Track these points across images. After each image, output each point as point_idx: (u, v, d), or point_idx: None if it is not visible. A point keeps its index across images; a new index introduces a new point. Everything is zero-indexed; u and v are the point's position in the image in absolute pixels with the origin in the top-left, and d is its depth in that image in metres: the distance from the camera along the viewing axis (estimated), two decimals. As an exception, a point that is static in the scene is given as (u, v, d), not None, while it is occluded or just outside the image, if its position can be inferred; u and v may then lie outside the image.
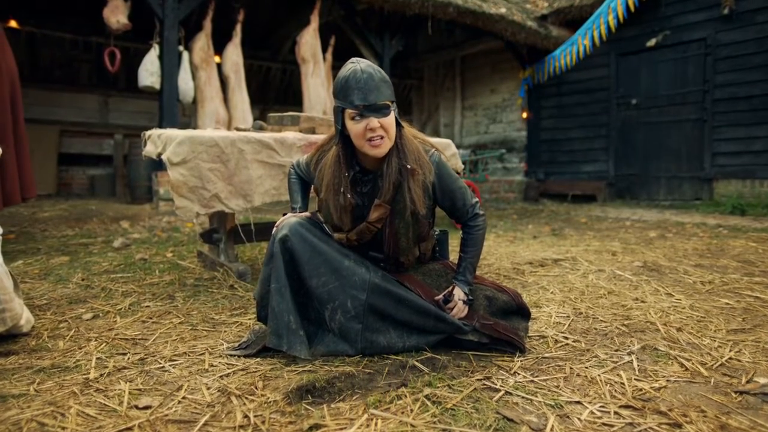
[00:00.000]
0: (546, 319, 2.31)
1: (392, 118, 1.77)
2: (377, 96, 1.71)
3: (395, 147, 1.82)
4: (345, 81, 1.72)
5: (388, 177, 1.81)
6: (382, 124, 1.73)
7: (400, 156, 1.82)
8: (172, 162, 2.59)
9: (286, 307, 1.84)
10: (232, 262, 3.11)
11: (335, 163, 1.85)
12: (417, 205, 1.83)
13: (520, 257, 3.70)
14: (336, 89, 1.78)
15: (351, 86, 1.71)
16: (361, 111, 1.71)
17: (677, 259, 3.59)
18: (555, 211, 7.45)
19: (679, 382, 1.66)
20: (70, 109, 8.32)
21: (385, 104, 1.73)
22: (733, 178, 7.00)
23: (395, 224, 1.86)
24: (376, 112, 1.72)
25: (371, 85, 1.70)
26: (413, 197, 1.82)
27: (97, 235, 4.57)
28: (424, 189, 1.86)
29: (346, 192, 1.83)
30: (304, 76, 6.69)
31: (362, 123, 1.72)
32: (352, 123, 1.75)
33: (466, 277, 1.94)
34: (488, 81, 10.20)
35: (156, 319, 2.31)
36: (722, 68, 7.04)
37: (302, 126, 3.15)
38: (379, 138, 1.74)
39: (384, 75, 1.77)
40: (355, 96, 1.70)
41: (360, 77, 1.70)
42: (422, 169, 1.84)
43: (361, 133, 1.73)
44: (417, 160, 1.84)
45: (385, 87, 1.74)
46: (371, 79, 1.71)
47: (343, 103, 1.75)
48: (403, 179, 1.82)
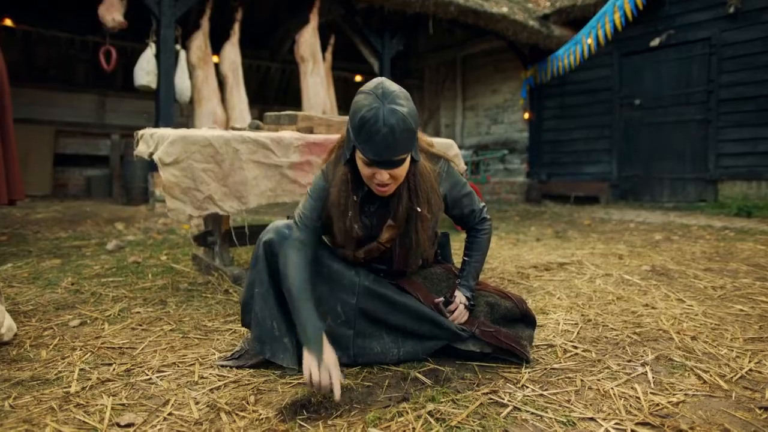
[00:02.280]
0: (553, 327, 2.21)
1: (406, 166, 1.57)
2: (394, 153, 1.48)
3: (406, 184, 1.65)
4: (362, 123, 1.46)
5: (398, 213, 1.67)
6: (392, 175, 1.55)
7: (411, 195, 1.66)
8: (163, 162, 2.49)
9: (269, 312, 1.74)
10: (227, 266, 3.01)
11: (342, 183, 1.66)
12: (421, 246, 1.73)
13: (524, 261, 3.60)
14: (351, 121, 1.52)
15: (368, 135, 1.46)
16: (372, 163, 1.52)
17: (685, 263, 3.49)
18: (557, 212, 7.35)
19: (698, 396, 1.56)
20: (66, 109, 8.21)
21: (401, 159, 1.52)
22: (738, 179, 6.90)
23: (406, 245, 1.75)
24: (389, 166, 1.52)
25: (390, 142, 1.46)
26: (419, 240, 1.71)
27: (90, 237, 4.47)
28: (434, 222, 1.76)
29: (354, 221, 1.67)
30: (303, 76, 6.60)
31: (371, 170, 1.54)
32: (360, 163, 1.56)
33: (469, 283, 1.85)
34: (490, 81, 10.10)
35: (146, 326, 2.21)
36: (728, 68, 6.94)
37: (300, 125, 3.05)
38: (386, 185, 1.57)
39: (409, 122, 1.48)
40: (369, 147, 1.48)
41: (380, 130, 1.44)
42: (432, 212, 1.71)
43: (368, 176, 1.57)
44: (429, 201, 1.69)
45: (406, 139, 1.49)
46: (391, 134, 1.44)
47: (355, 142, 1.52)
48: (410, 220, 1.69)
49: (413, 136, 1.52)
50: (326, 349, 1.49)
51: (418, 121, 1.53)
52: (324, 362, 1.45)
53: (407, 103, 1.50)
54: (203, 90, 6.16)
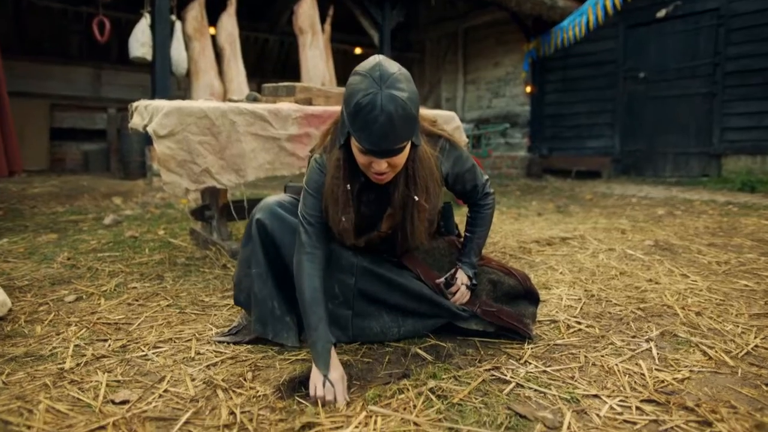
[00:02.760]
0: (556, 302, 2.17)
1: (404, 154, 1.45)
2: (392, 142, 1.36)
3: (405, 171, 1.52)
4: (358, 110, 1.33)
5: (395, 201, 1.58)
6: (389, 163, 1.42)
7: (409, 183, 1.54)
8: (158, 135, 2.43)
9: (268, 292, 1.71)
10: (224, 241, 2.97)
11: (335, 170, 1.53)
12: (417, 239, 1.64)
13: (525, 235, 3.56)
14: (346, 106, 1.39)
15: (364, 122, 1.33)
16: (369, 153, 1.39)
17: (689, 238, 3.45)
18: (559, 187, 7.29)
19: (704, 372, 1.54)
20: (61, 82, 8.07)
21: (399, 148, 1.39)
22: (742, 153, 6.82)
23: (407, 230, 1.65)
24: (386, 155, 1.39)
25: (388, 131, 1.33)
26: (414, 231, 1.61)
27: (87, 212, 4.42)
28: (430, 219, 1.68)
29: (344, 211, 1.54)
30: (302, 48, 6.46)
31: (367, 158, 1.42)
32: (356, 150, 1.44)
33: (471, 260, 1.80)
34: (491, 54, 9.93)
35: (142, 302, 2.17)
36: (735, 39, 6.79)
37: (298, 97, 2.98)
38: (383, 174, 1.46)
39: (410, 108, 1.34)
40: (365, 136, 1.35)
41: (376, 118, 1.31)
42: (430, 201, 1.60)
43: (364, 165, 1.45)
44: (427, 190, 1.57)
45: (406, 127, 1.36)
46: (389, 122, 1.31)
47: (350, 128, 1.39)
48: (406, 209, 1.58)
49: (414, 123, 1.39)
50: (333, 366, 1.41)
51: (419, 104, 1.41)
52: (330, 379, 1.37)
53: (408, 86, 1.36)
54: (200, 62, 6.04)
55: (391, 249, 1.76)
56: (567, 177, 8.45)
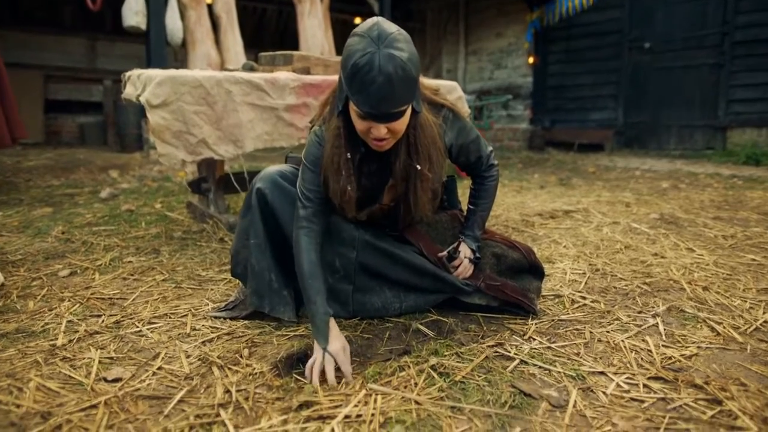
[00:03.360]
0: (560, 276, 2.13)
1: (405, 119, 1.39)
2: (392, 105, 1.30)
3: (406, 138, 1.46)
4: (355, 72, 1.27)
5: (396, 171, 1.51)
6: (390, 129, 1.36)
7: (411, 151, 1.48)
8: (151, 104, 2.35)
9: (266, 264, 1.66)
10: (222, 214, 2.92)
11: (335, 139, 1.47)
12: (420, 211, 1.57)
13: (528, 208, 3.50)
14: (345, 69, 1.32)
15: (361, 84, 1.27)
16: (367, 116, 1.33)
17: (694, 211, 3.39)
18: (561, 160, 7.21)
19: (712, 349, 1.50)
20: (55, 53, 7.90)
21: (399, 111, 1.33)
22: (748, 126, 6.71)
23: (410, 201, 1.58)
24: (386, 120, 1.33)
25: (386, 93, 1.27)
26: (417, 202, 1.54)
27: (83, 186, 4.36)
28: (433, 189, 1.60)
29: (347, 182, 1.48)
30: (300, 17, 6.29)
31: (366, 123, 1.36)
32: (355, 116, 1.38)
33: (474, 233, 1.75)
34: (493, 24, 9.72)
35: (138, 276, 2.13)
36: (745, 8, 6.62)
37: (296, 65, 2.89)
38: (383, 139, 1.39)
39: (409, 69, 1.28)
40: (363, 99, 1.29)
41: (375, 79, 1.25)
42: (434, 171, 1.53)
43: (363, 131, 1.39)
44: (430, 158, 1.50)
45: (406, 89, 1.30)
46: (388, 83, 1.25)
47: (347, 91, 1.33)
48: (409, 179, 1.51)
49: (414, 85, 1.33)
50: (333, 337, 1.36)
51: (419, 66, 1.34)
52: (329, 351, 1.33)
53: (407, 47, 1.30)
54: (196, 32, 5.88)
55: (393, 223, 1.71)
56: (569, 150, 8.35)
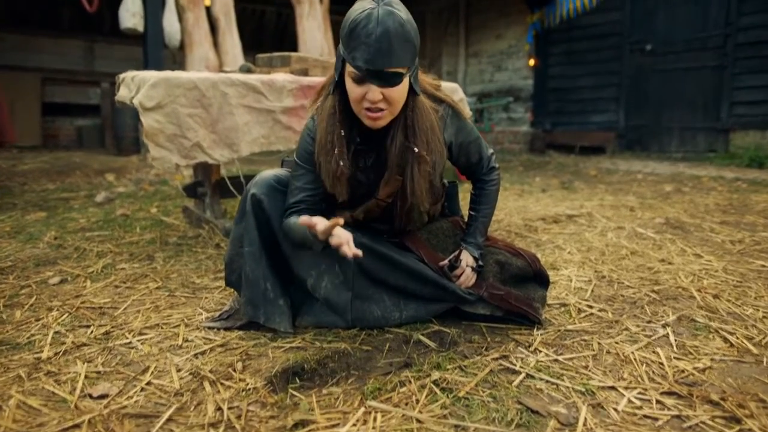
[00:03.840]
0: (565, 284, 2.07)
1: (403, 89, 1.37)
2: (389, 61, 1.29)
3: (403, 120, 1.44)
4: (354, 26, 1.29)
5: (392, 156, 1.47)
6: (385, 96, 1.34)
7: (408, 133, 1.45)
8: (145, 107, 2.29)
9: (262, 273, 1.59)
10: (218, 219, 2.86)
11: (329, 117, 1.46)
12: (418, 198, 1.52)
13: (531, 212, 3.44)
14: (343, 29, 1.34)
15: (358, 38, 1.28)
16: (364, 75, 1.32)
17: (699, 216, 3.33)
18: (563, 163, 7.15)
19: (726, 361, 1.43)
20: (52, 55, 7.85)
21: (397, 72, 1.32)
22: (751, 128, 6.65)
23: (408, 198, 1.54)
24: (382, 81, 1.32)
25: (384, 46, 1.27)
26: (414, 189, 1.49)
27: (79, 189, 4.30)
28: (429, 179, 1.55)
29: (340, 157, 1.45)
30: (299, 19, 6.23)
31: (361, 88, 1.34)
32: (351, 83, 1.37)
33: (477, 240, 1.69)
34: (494, 26, 9.67)
35: (130, 284, 2.07)
36: (748, 9, 6.56)
37: (293, 67, 2.83)
38: (378, 110, 1.37)
39: (408, 30, 1.31)
40: (360, 53, 1.29)
41: (372, 30, 1.26)
42: (432, 155, 1.49)
43: (357, 98, 1.37)
44: (428, 143, 1.47)
45: (404, 49, 1.31)
46: (386, 36, 1.26)
47: (345, 53, 1.34)
48: (406, 164, 1.48)
49: (412, 50, 1.34)
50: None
51: (418, 35, 1.36)
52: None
53: (407, 14, 1.33)
54: (194, 34, 5.83)
55: (391, 225, 1.65)
56: (570, 152, 8.29)
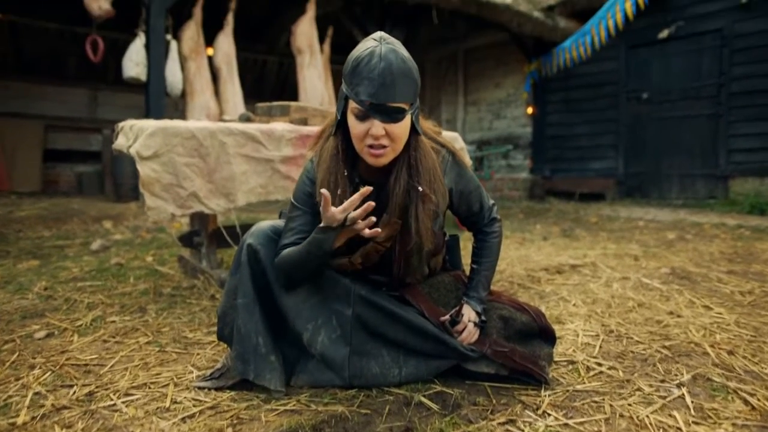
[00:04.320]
0: (572, 339, 1.98)
1: (405, 126, 1.39)
2: (392, 95, 1.32)
3: (406, 160, 1.45)
4: (357, 64, 1.33)
5: (395, 195, 1.45)
6: (388, 132, 1.35)
7: (412, 173, 1.45)
8: (142, 156, 2.27)
9: (254, 326, 1.52)
10: (214, 269, 2.79)
11: (332, 158, 1.47)
12: (422, 238, 1.49)
13: (533, 262, 3.38)
14: (346, 69, 1.38)
15: (361, 73, 1.32)
16: (367, 109, 1.34)
17: (705, 265, 3.26)
18: (563, 210, 7.13)
19: (749, 426, 1.34)
20: (56, 103, 7.97)
21: (399, 107, 1.35)
22: (750, 175, 6.67)
23: (408, 242, 1.51)
24: (385, 116, 1.34)
25: (387, 79, 1.31)
26: (419, 228, 1.47)
27: (75, 237, 4.25)
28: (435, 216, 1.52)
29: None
30: (300, 68, 6.36)
31: (364, 124, 1.36)
32: (353, 119, 1.38)
33: (479, 294, 1.63)
34: (492, 75, 9.86)
35: (119, 338, 1.98)
36: (740, 60, 6.70)
37: (293, 116, 2.83)
38: (381, 147, 1.37)
39: (409, 67, 1.35)
40: (363, 88, 1.32)
41: (375, 65, 1.30)
42: (436, 195, 1.48)
43: (360, 135, 1.37)
44: (431, 183, 1.47)
45: (406, 84, 1.35)
46: (389, 70, 1.30)
47: (348, 91, 1.37)
48: (410, 203, 1.46)
49: (414, 86, 1.39)
50: None
51: (419, 75, 1.42)
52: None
53: (408, 54, 1.39)
54: (196, 82, 5.93)
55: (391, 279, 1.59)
56: (570, 199, 8.30)
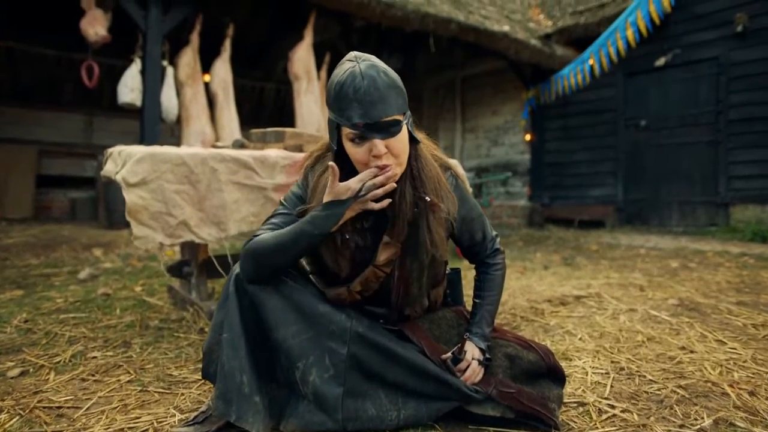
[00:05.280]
0: (581, 378, 1.87)
1: (404, 138, 1.34)
2: (383, 110, 1.27)
3: (409, 172, 1.39)
4: (340, 88, 1.28)
5: (401, 212, 1.37)
6: (390, 148, 1.30)
7: (416, 184, 1.39)
8: (128, 182, 2.17)
9: (238, 364, 1.40)
10: (203, 301, 2.68)
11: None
12: (439, 248, 1.41)
13: (535, 293, 3.27)
14: (329, 97, 1.33)
15: (347, 96, 1.27)
16: (362, 131, 1.28)
17: (713, 295, 3.16)
18: (562, 237, 7.04)
19: (780, 479, 1.23)
20: (51, 128, 7.93)
21: (394, 120, 1.30)
22: (750, 202, 6.61)
23: (407, 266, 1.43)
24: (382, 132, 1.29)
25: (374, 96, 1.26)
26: (434, 239, 1.39)
27: (63, 265, 4.13)
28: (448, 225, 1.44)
29: (344, 230, 1.38)
30: (297, 94, 6.33)
31: (364, 147, 1.31)
32: (351, 145, 1.33)
33: (483, 330, 1.52)
34: (490, 102, 9.88)
35: (99, 376, 1.86)
36: (737, 88, 6.70)
37: (288, 143, 2.75)
38: (387, 166, 1.32)
39: (393, 78, 1.31)
40: (353, 111, 1.27)
41: (359, 85, 1.25)
42: (444, 202, 1.41)
43: (363, 159, 1.32)
44: (437, 190, 1.41)
45: (394, 95, 1.30)
46: (374, 86, 1.26)
47: (338, 118, 1.31)
48: (419, 215, 1.38)
49: (402, 95, 1.33)
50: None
51: (403, 84, 1.35)
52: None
53: (387, 66, 1.33)
54: (191, 108, 5.88)
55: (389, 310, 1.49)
56: (569, 226, 8.22)
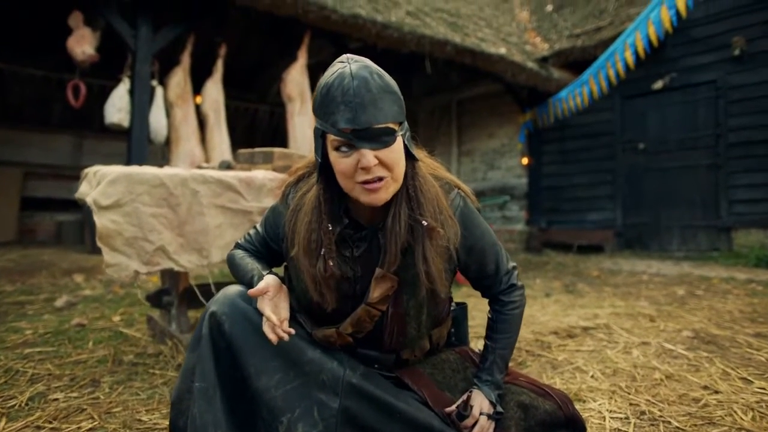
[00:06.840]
0: (598, 424, 1.67)
1: (398, 150, 1.14)
2: (374, 115, 1.08)
3: (404, 192, 1.18)
4: (327, 90, 1.10)
5: (394, 237, 1.17)
6: (381, 160, 1.11)
7: (413, 206, 1.18)
8: (99, 205, 1.99)
9: (212, 418, 1.19)
10: (184, 333, 2.48)
11: (314, 212, 1.21)
12: (436, 282, 1.20)
13: (540, 324, 3.07)
14: (315, 102, 1.15)
15: (334, 99, 1.09)
16: (350, 139, 1.09)
17: (728, 326, 2.98)
18: (561, 262, 6.86)
19: None
20: (39, 150, 7.76)
21: (387, 128, 1.10)
22: (753, 227, 6.47)
23: (402, 303, 1.24)
24: (372, 141, 1.10)
25: (365, 98, 1.07)
26: (430, 271, 1.18)
27: (40, 292, 3.91)
28: (448, 257, 1.26)
29: (328, 257, 1.19)
30: (290, 115, 6.19)
31: (351, 158, 1.11)
32: (336, 155, 1.13)
33: (494, 378, 1.32)
34: (486, 125, 9.79)
35: (57, 423, 1.65)
36: (735, 111, 6.62)
37: (276, 164, 2.58)
38: (377, 180, 1.12)
39: (388, 82, 1.13)
40: (340, 115, 1.08)
41: (348, 85, 1.08)
42: (445, 229, 1.22)
43: (349, 172, 1.12)
44: (437, 214, 1.21)
45: (389, 101, 1.11)
46: (365, 87, 1.08)
47: (323, 124, 1.12)
48: (416, 242, 1.18)
49: (398, 101, 1.14)
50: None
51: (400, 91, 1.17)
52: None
53: (383, 71, 1.15)
54: (181, 129, 5.73)
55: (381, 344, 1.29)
56: (568, 251, 8.05)
